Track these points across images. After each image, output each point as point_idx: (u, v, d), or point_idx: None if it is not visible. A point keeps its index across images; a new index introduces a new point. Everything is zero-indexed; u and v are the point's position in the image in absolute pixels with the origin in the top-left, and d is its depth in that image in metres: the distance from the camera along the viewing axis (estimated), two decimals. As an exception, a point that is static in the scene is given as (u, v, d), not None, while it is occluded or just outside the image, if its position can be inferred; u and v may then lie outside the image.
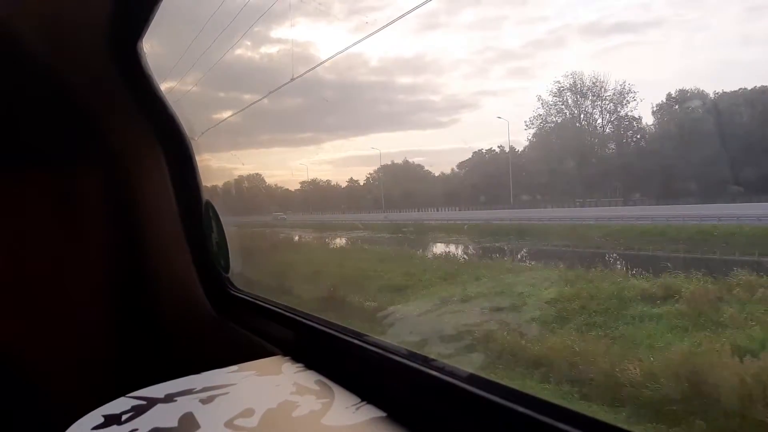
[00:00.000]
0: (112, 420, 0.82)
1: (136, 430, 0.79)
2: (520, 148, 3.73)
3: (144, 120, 1.66)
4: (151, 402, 0.90)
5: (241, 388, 0.96)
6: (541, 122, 3.35)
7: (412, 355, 0.87)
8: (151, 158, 1.69)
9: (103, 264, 1.72)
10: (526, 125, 3.44)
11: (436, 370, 0.80)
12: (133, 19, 1.35)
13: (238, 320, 1.52)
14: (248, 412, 0.83)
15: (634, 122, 2.95)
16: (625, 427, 0.60)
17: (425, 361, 0.84)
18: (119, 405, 0.88)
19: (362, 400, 0.86)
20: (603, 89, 3.14)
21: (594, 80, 3.13)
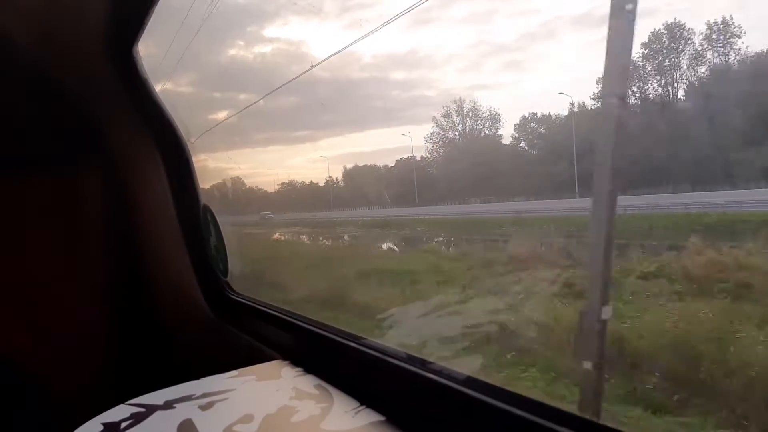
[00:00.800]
0: (111, 428, 0.82)
1: None
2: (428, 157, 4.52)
3: (141, 123, 1.66)
4: (150, 409, 0.89)
5: (240, 394, 0.96)
6: (436, 138, 4.14)
7: (410, 358, 0.87)
8: (148, 161, 1.68)
9: (102, 266, 1.72)
10: (425, 140, 4.19)
11: (433, 373, 0.80)
12: (129, 23, 1.35)
13: (237, 324, 1.52)
14: (247, 418, 0.83)
15: (499, 139, 3.86)
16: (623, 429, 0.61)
17: (423, 363, 0.84)
18: (118, 412, 0.88)
19: (361, 404, 0.86)
20: (480, 111, 3.92)
21: (472, 105, 3.93)
